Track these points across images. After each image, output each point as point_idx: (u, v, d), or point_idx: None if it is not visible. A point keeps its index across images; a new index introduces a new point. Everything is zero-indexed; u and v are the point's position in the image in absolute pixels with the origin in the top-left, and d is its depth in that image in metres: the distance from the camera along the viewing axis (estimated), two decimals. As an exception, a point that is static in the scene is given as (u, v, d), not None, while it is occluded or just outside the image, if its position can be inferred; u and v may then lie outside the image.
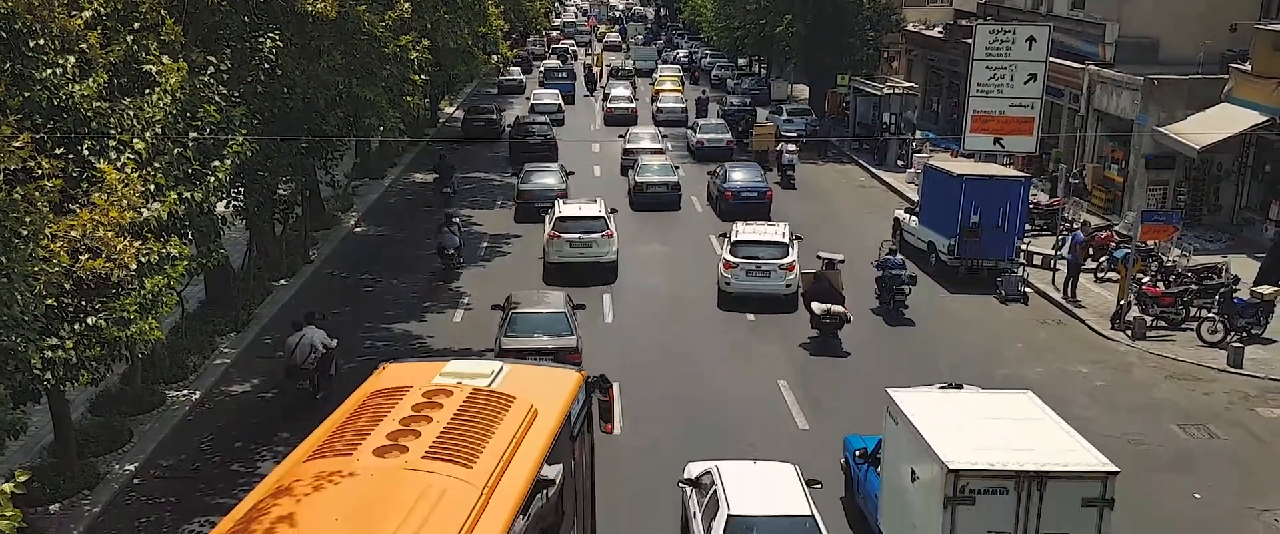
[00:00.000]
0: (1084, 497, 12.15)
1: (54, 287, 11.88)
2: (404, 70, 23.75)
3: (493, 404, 11.17)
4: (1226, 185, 32.86)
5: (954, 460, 12.20)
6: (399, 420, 10.61)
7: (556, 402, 11.89)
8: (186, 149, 14.88)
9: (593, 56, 76.22)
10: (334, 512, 9.10)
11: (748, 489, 13.93)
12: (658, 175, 35.79)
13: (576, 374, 13.10)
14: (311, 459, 10.17)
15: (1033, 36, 32.99)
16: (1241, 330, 22.96)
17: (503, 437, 10.55)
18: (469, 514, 9.17)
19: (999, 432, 13.08)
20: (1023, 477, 12.11)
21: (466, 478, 9.67)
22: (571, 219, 27.76)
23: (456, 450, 10.03)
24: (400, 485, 9.46)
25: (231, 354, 21.98)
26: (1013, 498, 12.14)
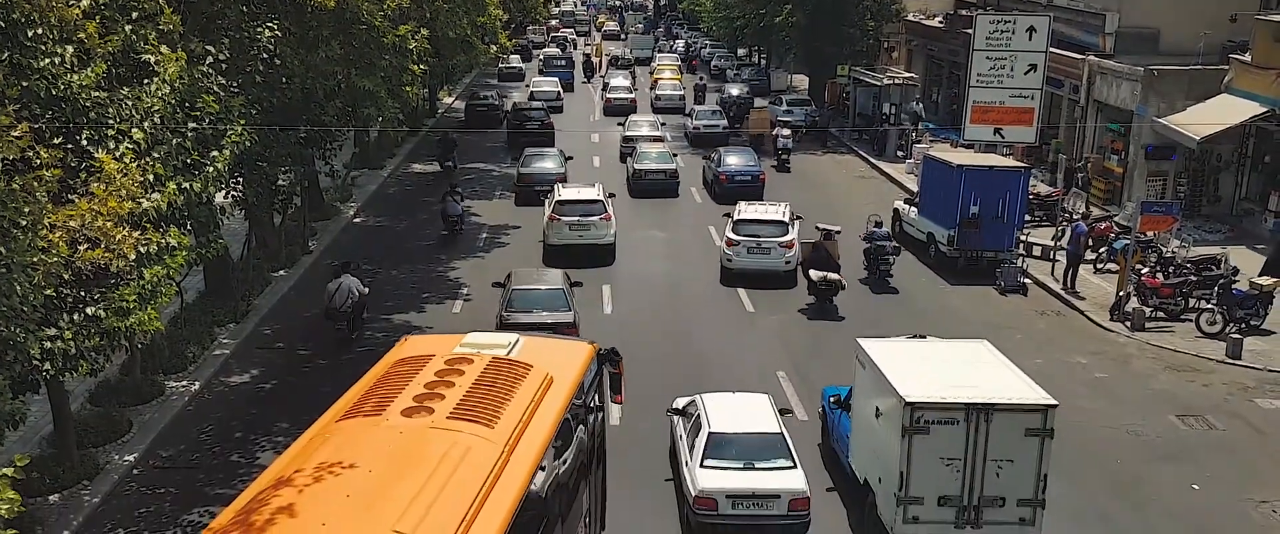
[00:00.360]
0: (1027, 427, 13.60)
1: (53, 277, 11.87)
2: (403, 60, 23.71)
3: (511, 372, 11.98)
4: (1226, 176, 32.85)
5: (910, 394, 13.65)
6: (424, 385, 11.36)
7: (570, 371, 12.72)
8: (185, 139, 14.87)
9: (592, 46, 76.32)
10: (367, 464, 9.80)
11: (726, 413, 15.85)
12: (656, 163, 36.29)
13: (589, 346, 13.95)
14: (344, 419, 11.02)
15: (1033, 27, 32.93)
16: (1240, 321, 22.96)
17: (521, 401, 11.34)
18: (491, 469, 9.93)
19: (953, 372, 14.61)
20: (972, 409, 13.54)
21: (488, 437, 10.41)
22: (570, 203, 28.47)
23: (479, 412, 10.81)
24: (427, 442, 10.23)
25: (231, 345, 21.98)
26: (963, 428, 13.57)
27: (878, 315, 24.43)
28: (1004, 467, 13.67)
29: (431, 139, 44.62)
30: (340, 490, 9.37)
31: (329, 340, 22.41)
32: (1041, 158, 38.10)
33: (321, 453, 10.12)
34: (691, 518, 14.97)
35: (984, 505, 13.83)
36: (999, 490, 13.77)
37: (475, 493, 9.53)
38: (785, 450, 15.29)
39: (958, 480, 13.74)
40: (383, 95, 23.37)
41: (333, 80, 21.95)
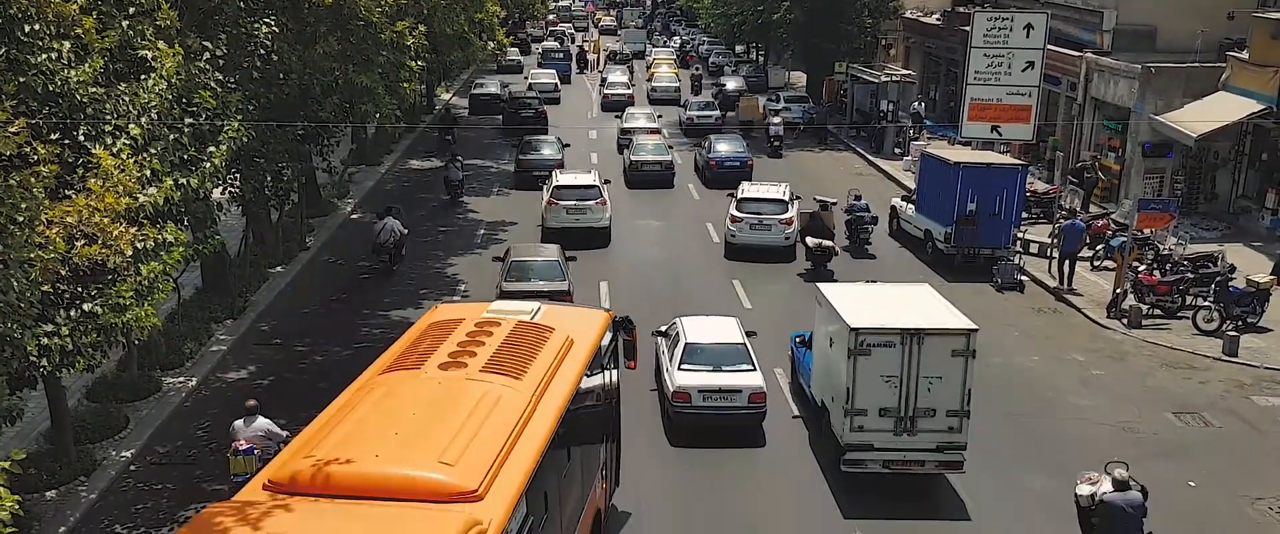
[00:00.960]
0: (953, 348, 15.92)
1: (50, 273, 11.86)
2: (400, 56, 23.68)
3: (535, 333, 13.26)
4: (1223, 174, 32.88)
5: (855, 321, 16.01)
6: (457, 343, 12.64)
7: (589, 334, 14.01)
8: (182, 135, 14.85)
9: (590, 43, 76.65)
10: (410, 409, 11.09)
11: (700, 329, 19.21)
12: (652, 154, 37.27)
13: (605, 313, 15.36)
14: (386, 372, 12.31)
15: (1031, 24, 32.96)
16: (1237, 319, 23.00)
17: (545, 359, 12.63)
18: (521, 414, 11.22)
19: (894, 306, 17.16)
20: (906, 333, 15.84)
21: (517, 387, 11.69)
22: (568, 188, 29.98)
23: (507, 366, 12.10)
24: (463, 391, 11.49)
25: (228, 341, 21.97)
26: (899, 350, 15.84)
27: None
28: (934, 383, 15.91)
29: (430, 134, 44.85)
30: (388, 429, 10.58)
31: (327, 337, 22.42)
32: (1039, 155, 38.11)
33: (369, 400, 11.41)
34: (670, 410, 18.05)
35: (918, 416, 16.02)
36: (930, 403, 15.99)
37: (507, 435, 10.72)
38: (747, 357, 18.53)
39: (896, 395, 15.96)
40: (380, 91, 23.34)
41: (330, 76, 21.91)
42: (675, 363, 18.39)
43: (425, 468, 9.85)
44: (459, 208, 32.64)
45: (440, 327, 13.49)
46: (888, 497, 16.22)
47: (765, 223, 28.23)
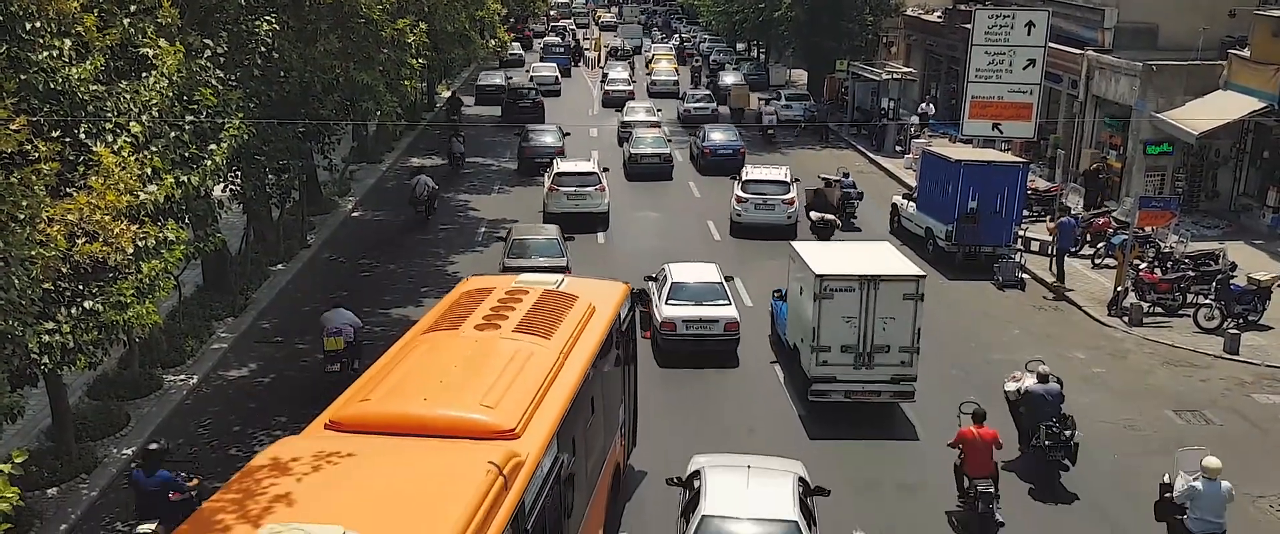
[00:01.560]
0: (904, 292, 18.31)
1: (51, 270, 11.86)
2: (401, 54, 23.68)
3: (561, 300, 14.58)
4: (1224, 172, 32.85)
5: (820, 269, 18.51)
6: (490, 308, 14.01)
7: (609, 303, 15.35)
8: (183, 133, 14.85)
9: (591, 41, 77.06)
10: (452, 362, 12.44)
11: (685, 272, 22.63)
12: (651, 148, 38.26)
13: (624, 285, 16.63)
14: (427, 332, 13.64)
15: (1032, 21, 32.93)
16: (1238, 317, 23.00)
17: (570, 322, 13.93)
18: (550, 369, 12.49)
19: (855, 258, 19.63)
20: (863, 279, 18.31)
21: (546, 346, 13.00)
22: (568, 174, 31.64)
23: (537, 328, 13.43)
24: (498, 348, 12.82)
25: (229, 339, 21.98)
26: (857, 294, 18.28)
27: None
28: (888, 323, 18.34)
29: (431, 132, 45.00)
30: (433, 378, 11.92)
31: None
32: (1040, 153, 38.10)
33: (414, 354, 12.73)
34: (659, 338, 21.21)
35: (874, 352, 18.50)
36: (885, 340, 18.43)
37: (539, 385, 12.02)
38: (724, 294, 21.91)
39: (855, 333, 18.42)
40: (381, 89, 23.34)
41: (331, 74, 21.91)
42: (663, 299, 21.63)
43: (469, 410, 11.16)
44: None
45: (473, 294, 14.88)
46: (848, 423, 18.63)
47: (769, 203, 30.12)
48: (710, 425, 18.56)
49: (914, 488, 16.66)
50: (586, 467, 13.17)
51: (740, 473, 13.59)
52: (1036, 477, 16.67)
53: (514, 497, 9.97)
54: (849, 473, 16.72)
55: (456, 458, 10.25)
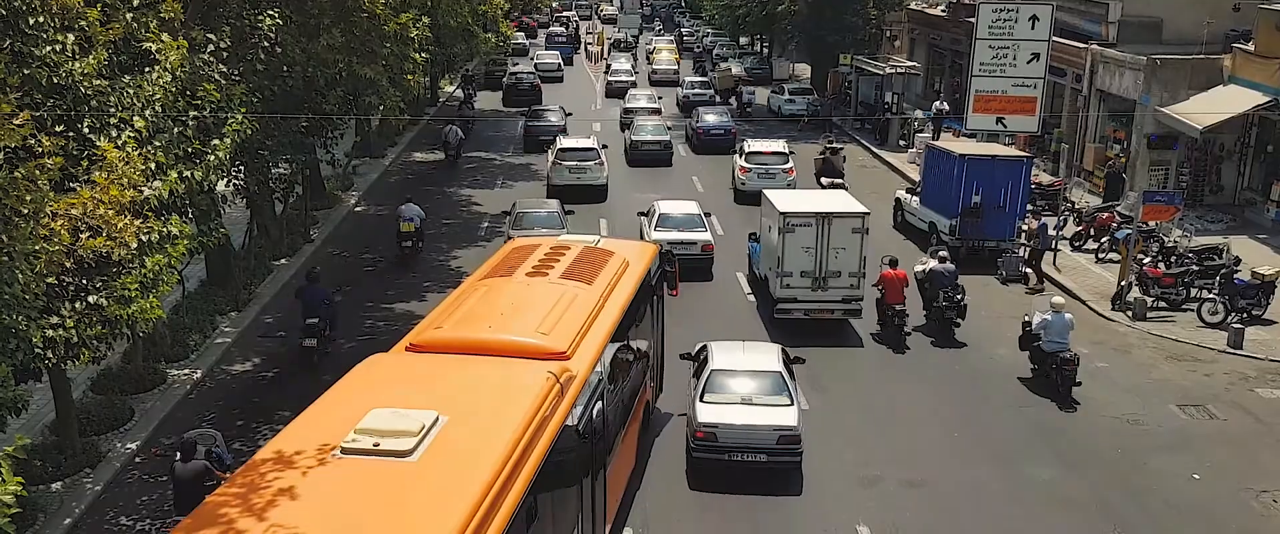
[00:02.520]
0: (852, 227, 22.08)
1: (55, 265, 11.88)
2: (404, 48, 23.67)
3: (599, 255, 16.63)
4: (1228, 166, 32.79)
5: (784, 208, 22.51)
6: (537, 260, 16.06)
7: (641, 260, 17.28)
8: (186, 127, 14.85)
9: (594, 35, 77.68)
10: (508, 300, 14.44)
11: (670, 207, 27.49)
12: (652, 135, 39.83)
13: (653, 246, 18.76)
14: (483, 279, 15.73)
15: (1036, 15, 32.87)
16: (1242, 311, 22.94)
17: (608, 273, 15.91)
18: (593, 308, 14.48)
19: (814, 199, 24.64)
20: (819, 215, 22.13)
21: (588, 290, 15.00)
22: (570, 150, 34.42)
23: (580, 275, 15.46)
24: (547, 290, 14.80)
25: (232, 333, 22.00)
26: (814, 228, 22.00)
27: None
28: (840, 252, 22.07)
29: (433, 127, 45.07)
30: (495, 312, 13.99)
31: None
32: (1044, 147, 38.05)
33: (475, 294, 14.84)
34: None
35: (828, 277, 22.22)
36: (837, 266, 22.15)
37: (584, 320, 13.98)
38: (701, 223, 26.74)
39: (812, 261, 22.11)
40: (384, 84, 23.33)
41: (334, 68, 21.90)
42: (652, 226, 26.71)
43: (527, 336, 13.20)
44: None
45: (520, 250, 17.05)
46: (807, 334, 22.06)
47: (770, 172, 33.15)
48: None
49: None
50: (623, 394, 15.05)
51: (737, 346, 17.91)
52: (937, 332, 22.50)
53: (568, 401, 11.94)
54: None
55: (520, 371, 12.15)
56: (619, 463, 14.75)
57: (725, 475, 16.12)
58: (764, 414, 16.08)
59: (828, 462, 16.90)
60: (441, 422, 10.35)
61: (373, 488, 9.40)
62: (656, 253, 18.31)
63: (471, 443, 10.24)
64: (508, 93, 53.83)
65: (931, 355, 21.74)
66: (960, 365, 21.17)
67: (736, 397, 16.37)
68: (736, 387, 16.48)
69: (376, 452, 9.82)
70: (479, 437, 10.37)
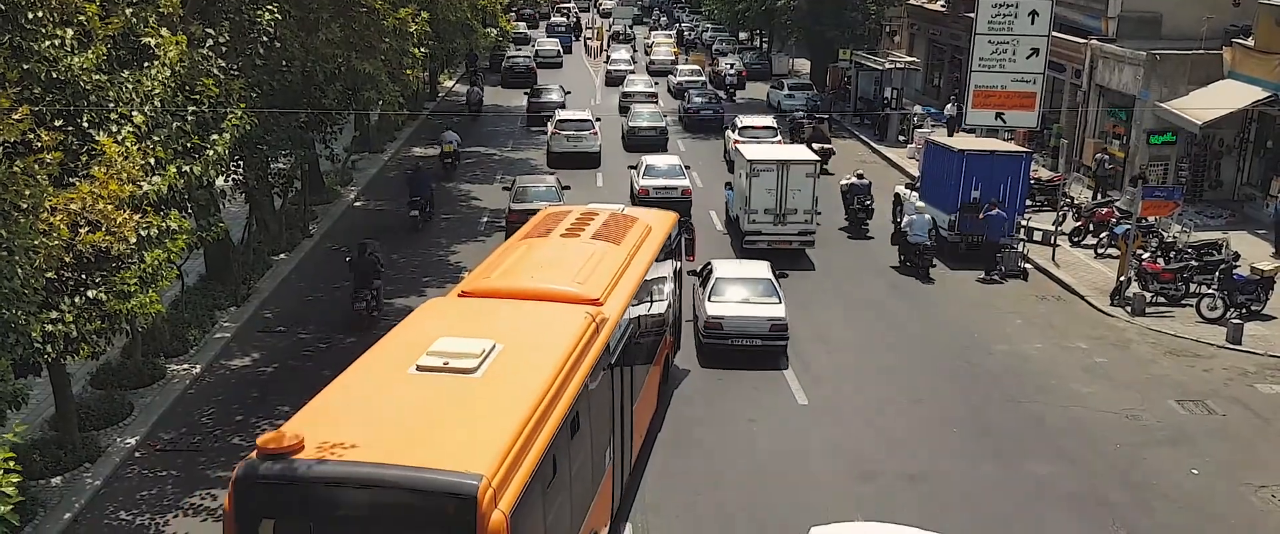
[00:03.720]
0: (806, 172, 26.89)
1: (54, 260, 11.89)
2: (403, 43, 23.65)
3: (625, 220, 18.49)
4: (1227, 161, 32.79)
5: (751, 156, 27.36)
6: (570, 224, 17.91)
7: (663, 226, 19.04)
8: (185, 123, 14.85)
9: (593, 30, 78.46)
10: (546, 256, 16.34)
11: (654, 161, 32.68)
12: (648, 122, 42.00)
13: (673, 214, 20.33)
14: (522, 239, 17.47)
15: (1035, 10, 32.84)
16: (1241, 307, 22.96)
17: (634, 236, 17.62)
18: (621, 264, 16.16)
19: (776, 151, 29.26)
20: (779, 163, 26.86)
21: (617, 249, 16.68)
22: (567, 121, 39.26)
23: (608, 236, 17.23)
24: (580, 248, 16.62)
25: (231, 328, 22.00)
26: (775, 172, 26.69)
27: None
28: (796, 193, 26.69)
29: (433, 122, 45.16)
30: (535, 265, 15.82)
31: (330, 324, 22.49)
32: (1043, 143, 38.05)
33: (515, 251, 16.64)
34: (635, 201, 29.92)
35: (786, 213, 26.84)
36: (794, 204, 26.80)
37: (614, 273, 15.69)
38: (681, 173, 32.00)
39: (774, 199, 26.71)
40: (383, 79, 23.31)
41: (333, 63, 21.88)
42: (640, 175, 31.79)
43: (565, 284, 14.88)
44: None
45: (553, 216, 18.89)
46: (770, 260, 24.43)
47: (761, 142, 35.58)
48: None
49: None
50: (646, 342, 16.82)
51: (736, 261, 22.90)
52: (852, 228, 29.78)
53: (603, 339, 13.69)
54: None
55: (562, 312, 13.90)
56: (643, 403, 16.53)
57: (729, 356, 20.40)
58: (759, 308, 20.60)
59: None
60: (498, 348, 12.07)
61: (445, 396, 11.24)
62: (676, 220, 20.09)
63: (525, 365, 11.96)
64: (505, 75, 58.60)
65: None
66: (958, 362, 21.17)
67: (738, 297, 20.74)
68: (737, 290, 20.95)
69: (446, 369, 11.55)
70: (530, 361, 12.11)
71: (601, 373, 13.43)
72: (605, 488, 13.68)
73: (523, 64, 59.34)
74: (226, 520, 9.97)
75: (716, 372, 20.33)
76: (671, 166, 32.19)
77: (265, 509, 9.90)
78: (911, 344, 21.82)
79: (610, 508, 14.20)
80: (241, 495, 9.84)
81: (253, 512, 9.86)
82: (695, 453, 17.13)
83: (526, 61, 59.88)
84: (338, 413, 11.00)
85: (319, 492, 9.73)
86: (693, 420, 18.26)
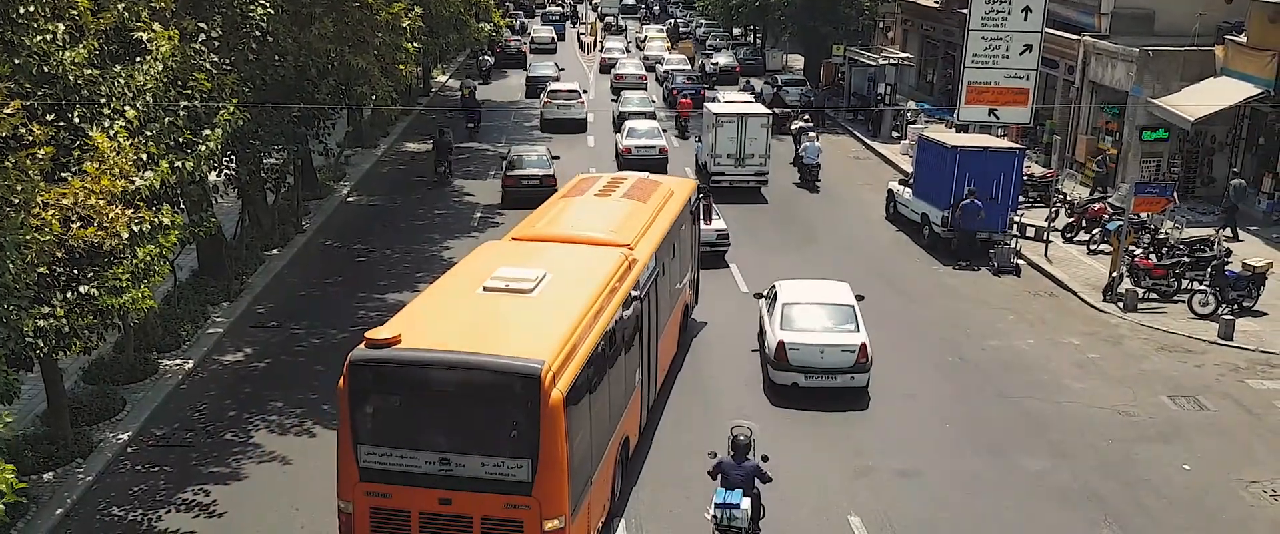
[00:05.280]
0: (761, 123, 33.13)
1: (46, 255, 11.86)
2: (396, 38, 23.59)
3: (651, 183, 21.21)
4: (1220, 158, 32.85)
5: (715, 110, 33.86)
6: (602, 186, 20.83)
7: (684, 191, 21.63)
8: (178, 117, 14.81)
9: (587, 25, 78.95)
10: (582, 211, 19.20)
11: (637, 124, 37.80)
12: (637, 107, 44.00)
13: (693, 181, 24.17)
14: (560, 199, 20.65)
15: (1028, 7, 32.84)
16: (1233, 303, 23.03)
17: (659, 197, 20.23)
18: (649, 218, 18.84)
19: (737, 106, 35.02)
20: (738, 116, 33.18)
21: (644, 206, 19.43)
22: (558, 92, 45.61)
23: (637, 196, 20.01)
24: (612, 205, 19.48)
25: (224, 323, 21.95)
26: (735, 123, 32.90)
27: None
28: (752, 140, 32.90)
29: (426, 117, 45.10)
30: (575, 216, 18.85)
31: (323, 319, 22.47)
32: (1036, 139, 38.07)
33: (556, 206, 19.89)
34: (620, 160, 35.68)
35: (745, 158, 33.08)
36: (751, 150, 33.09)
37: (643, 225, 18.34)
38: (659, 134, 37.40)
39: (734, 145, 33.01)
40: (376, 74, 23.25)
41: (326, 58, 21.82)
42: (624, 137, 36.61)
43: (602, 231, 17.59)
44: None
45: (586, 180, 21.98)
46: (731, 194, 31.62)
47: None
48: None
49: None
50: (670, 287, 19.29)
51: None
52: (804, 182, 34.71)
53: (634, 275, 16.33)
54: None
55: (599, 252, 16.60)
56: (666, 341, 18.90)
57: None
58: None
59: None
60: (548, 276, 14.68)
61: (508, 309, 13.86)
62: (696, 187, 22.78)
63: (571, 289, 14.57)
64: (498, 58, 63.00)
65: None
66: (950, 357, 21.20)
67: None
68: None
69: (507, 290, 14.19)
70: (575, 286, 14.72)
71: (633, 303, 15.86)
72: (635, 401, 16.17)
73: (514, 47, 64.79)
74: (340, 396, 12.51)
75: (702, 365, 20.30)
76: (650, 129, 37.35)
77: (371, 386, 12.49)
78: (903, 339, 21.83)
79: (639, 420, 16.67)
80: (354, 375, 12.37)
81: (361, 388, 12.44)
82: (687, 450, 17.13)
83: (518, 45, 65.45)
84: (422, 319, 13.55)
85: (415, 372, 12.44)
86: (684, 415, 18.27)
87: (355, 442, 12.45)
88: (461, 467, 12.28)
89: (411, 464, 12.39)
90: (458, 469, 12.30)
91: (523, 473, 12.17)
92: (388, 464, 12.41)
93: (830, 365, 18.47)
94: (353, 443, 12.46)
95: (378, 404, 12.61)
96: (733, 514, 13.43)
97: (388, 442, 12.45)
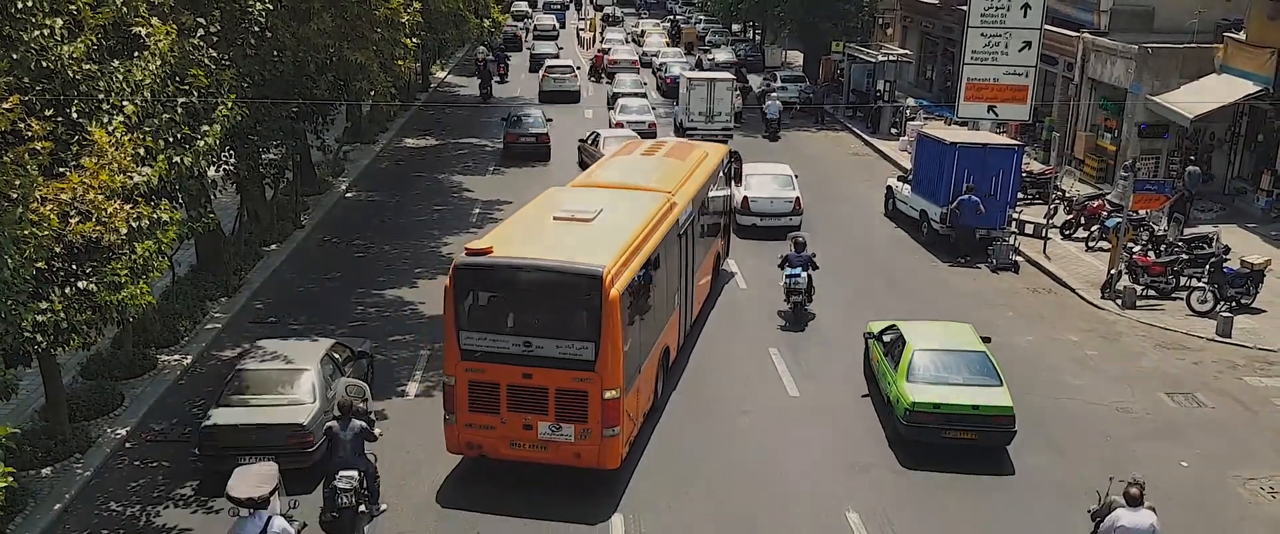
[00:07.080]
0: (728, 86, 41.16)
1: (44, 250, 11.85)
2: (395, 33, 23.56)
3: (688, 146, 24.92)
4: (1219, 155, 32.85)
5: (689, 76, 42.26)
6: (646, 148, 24.91)
7: (717, 153, 24.89)
8: (176, 113, 14.79)
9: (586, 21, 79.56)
10: (630, 167, 22.45)
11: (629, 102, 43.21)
12: (630, 89, 47.23)
13: (726, 145, 27.92)
14: (611, 159, 24.12)
15: (1027, 3, 32.71)
16: (1231, 300, 23.04)
17: (696, 157, 23.45)
18: (688, 172, 21.96)
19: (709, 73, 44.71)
20: (708, 80, 41.10)
21: (683, 164, 22.60)
22: (554, 66, 52.42)
23: (676, 155, 23.40)
24: (656, 162, 22.84)
25: (222, 319, 21.95)
26: (706, 86, 40.68)
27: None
28: (720, 101, 40.02)
29: (425, 113, 45.08)
30: (624, 170, 22.17)
31: (321, 315, 22.45)
32: (1035, 136, 38.04)
33: (609, 163, 23.45)
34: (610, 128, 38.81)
35: (714, 115, 39.88)
36: (719, 108, 40.11)
37: (682, 178, 21.35)
38: (649, 111, 42.00)
39: (705, 104, 39.94)
40: (375, 69, 23.24)
41: (324, 54, 21.79)
42: (618, 113, 41.47)
43: (648, 180, 20.72)
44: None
45: (632, 142, 27.43)
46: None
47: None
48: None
49: None
50: (705, 231, 22.21)
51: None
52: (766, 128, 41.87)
53: (675, 215, 19.10)
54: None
55: (646, 195, 19.53)
56: (701, 277, 21.95)
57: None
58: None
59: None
60: (605, 210, 17.81)
61: (575, 231, 16.89)
62: (728, 151, 26.46)
63: (624, 219, 17.63)
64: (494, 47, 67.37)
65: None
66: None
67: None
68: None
69: (573, 218, 17.33)
70: (627, 217, 17.77)
71: (675, 238, 18.95)
72: (675, 320, 19.27)
73: (511, 32, 71.78)
74: (446, 293, 15.21)
75: (704, 366, 20.35)
76: (641, 106, 42.33)
77: (472, 285, 15.55)
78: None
79: (678, 337, 19.80)
80: (458, 276, 15.27)
81: (464, 287, 15.36)
82: (687, 444, 17.14)
83: (515, 30, 73.16)
84: (507, 238, 16.50)
85: (506, 273, 15.56)
86: (684, 410, 18.29)
87: (458, 328, 15.19)
88: (540, 348, 15.05)
89: (501, 346, 15.16)
90: (537, 350, 15.06)
91: (588, 353, 14.92)
92: (482, 346, 15.14)
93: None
94: (455, 330, 15.18)
95: (475, 299, 15.63)
96: (796, 279, 22.11)
97: (482, 328, 15.30)
